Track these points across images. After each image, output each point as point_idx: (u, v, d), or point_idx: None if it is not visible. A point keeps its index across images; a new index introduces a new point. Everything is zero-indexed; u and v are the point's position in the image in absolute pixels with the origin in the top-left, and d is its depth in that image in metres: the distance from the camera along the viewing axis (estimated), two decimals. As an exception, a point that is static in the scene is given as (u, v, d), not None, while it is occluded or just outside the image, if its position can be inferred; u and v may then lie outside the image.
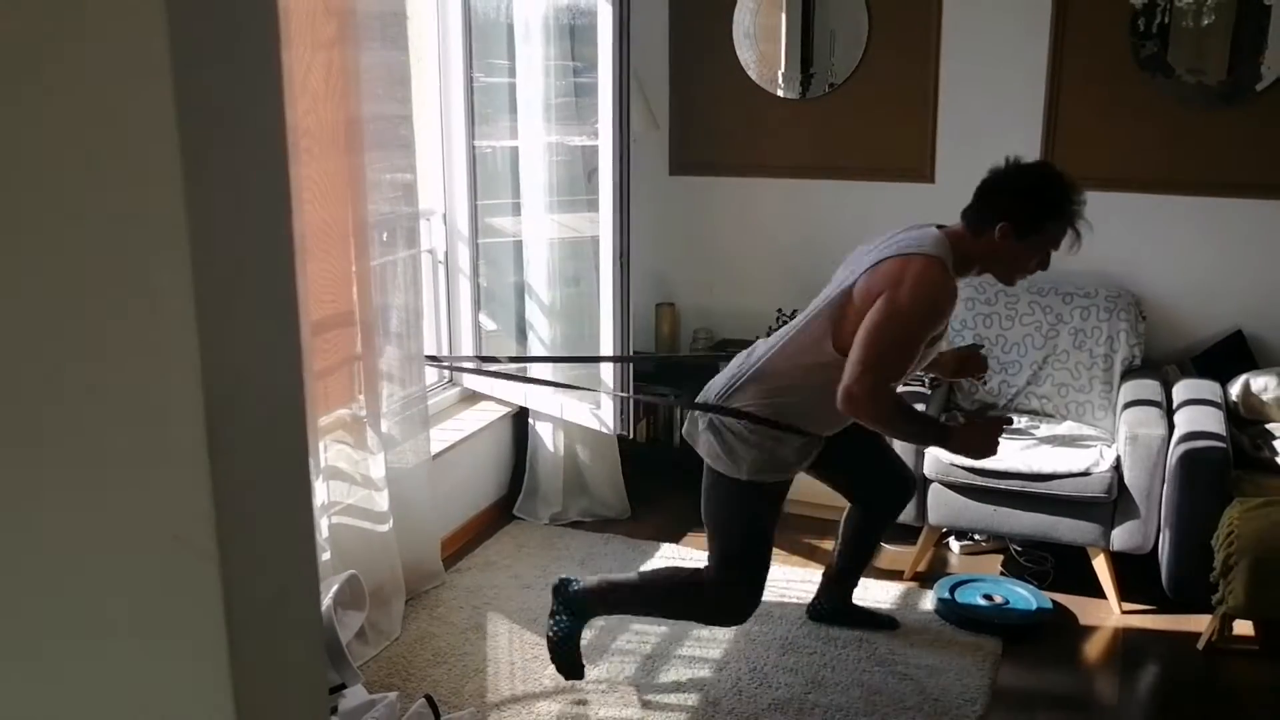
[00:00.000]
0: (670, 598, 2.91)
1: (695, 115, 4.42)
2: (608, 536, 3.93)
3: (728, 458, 2.73)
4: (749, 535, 2.80)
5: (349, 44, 2.94)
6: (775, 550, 3.81)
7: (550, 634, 2.91)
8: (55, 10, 0.84)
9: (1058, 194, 2.54)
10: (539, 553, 3.80)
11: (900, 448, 3.52)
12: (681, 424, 2.87)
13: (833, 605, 3.32)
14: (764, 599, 3.45)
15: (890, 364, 2.52)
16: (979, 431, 2.66)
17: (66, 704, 1.01)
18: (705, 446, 2.79)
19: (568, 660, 2.91)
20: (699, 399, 2.84)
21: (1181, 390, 3.54)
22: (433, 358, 3.67)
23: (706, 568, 2.87)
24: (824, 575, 3.36)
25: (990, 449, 2.66)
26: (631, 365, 3.77)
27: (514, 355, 4.11)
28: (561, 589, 2.91)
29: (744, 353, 2.85)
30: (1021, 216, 2.54)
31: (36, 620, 1.00)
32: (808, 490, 4.08)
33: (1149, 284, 3.88)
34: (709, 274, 4.55)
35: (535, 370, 3.99)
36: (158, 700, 0.98)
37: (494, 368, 3.91)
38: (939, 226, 2.65)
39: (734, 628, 3.15)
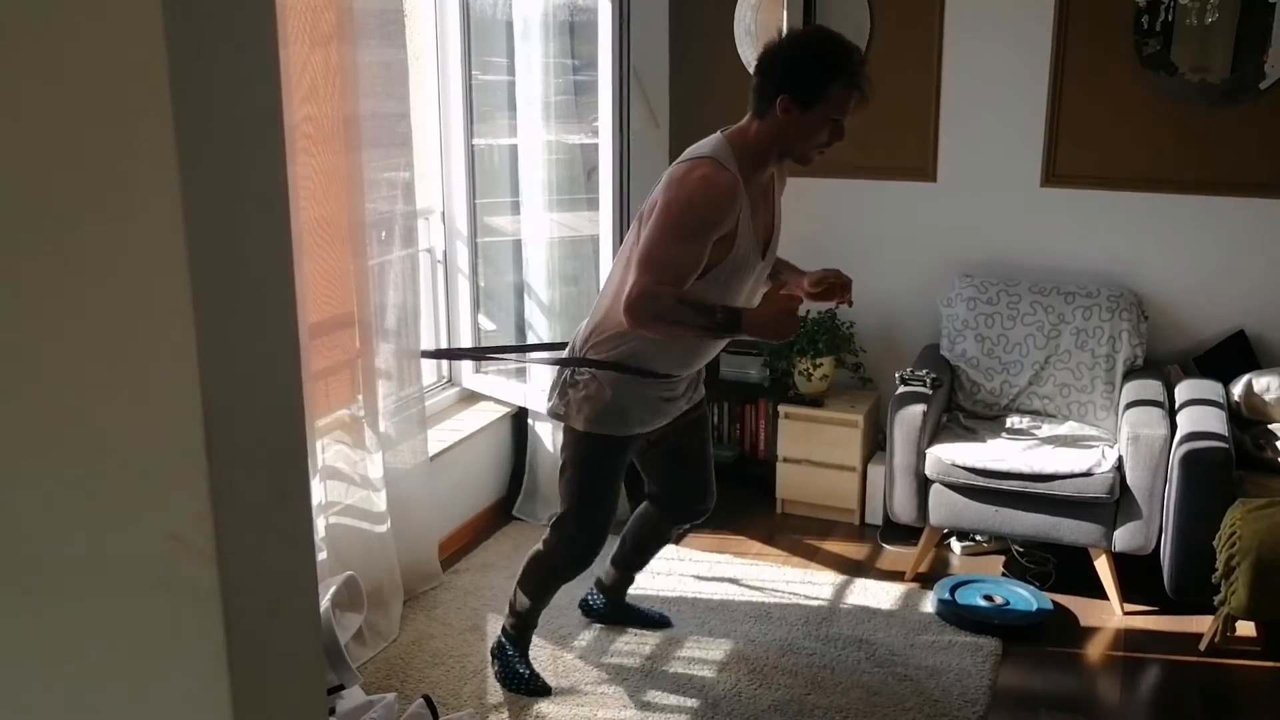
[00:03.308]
0: (531, 571, 2.92)
1: (696, 113, 4.40)
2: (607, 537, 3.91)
3: (568, 407, 2.68)
4: (584, 489, 2.78)
5: (347, 41, 2.93)
6: (777, 551, 3.84)
7: (498, 678, 2.99)
8: (54, 9, 0.83)
9: (830, 53, 2.40)
10: (538, 553, 3.79)
11: (902, 451, 3.51)
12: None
13: (606, 601, 3.31)
14: (765, 601, 3.45)
15: (664, 264, 2.38)
16: (774, 307, 2.43)
17: (66, 704, 1.00)
18: (550, 405, 2.75)
19: (531, 685, 2.96)
20: (568, 351, 2.77)
21: (1184, 390, 3.53)
22: (429, 352, 3.67)
23: (551, 523, 2.89)
24: (602, 573, 3.30)
25: (789, 326, 2.44)
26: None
27: (493, 346, 4.10)
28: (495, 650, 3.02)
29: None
30: (798, 84, 2.39)
31: (36, 620, 0.99)
32: (808, 490, 4.08)
33: (1151, 284, 3.87)
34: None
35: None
36: (157, 700, 0.97)
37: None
38: (728, 128, 2.55)
39: (581, 573, 2.97)
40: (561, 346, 2.86)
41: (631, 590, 3.31)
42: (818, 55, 2.41)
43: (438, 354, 3.96)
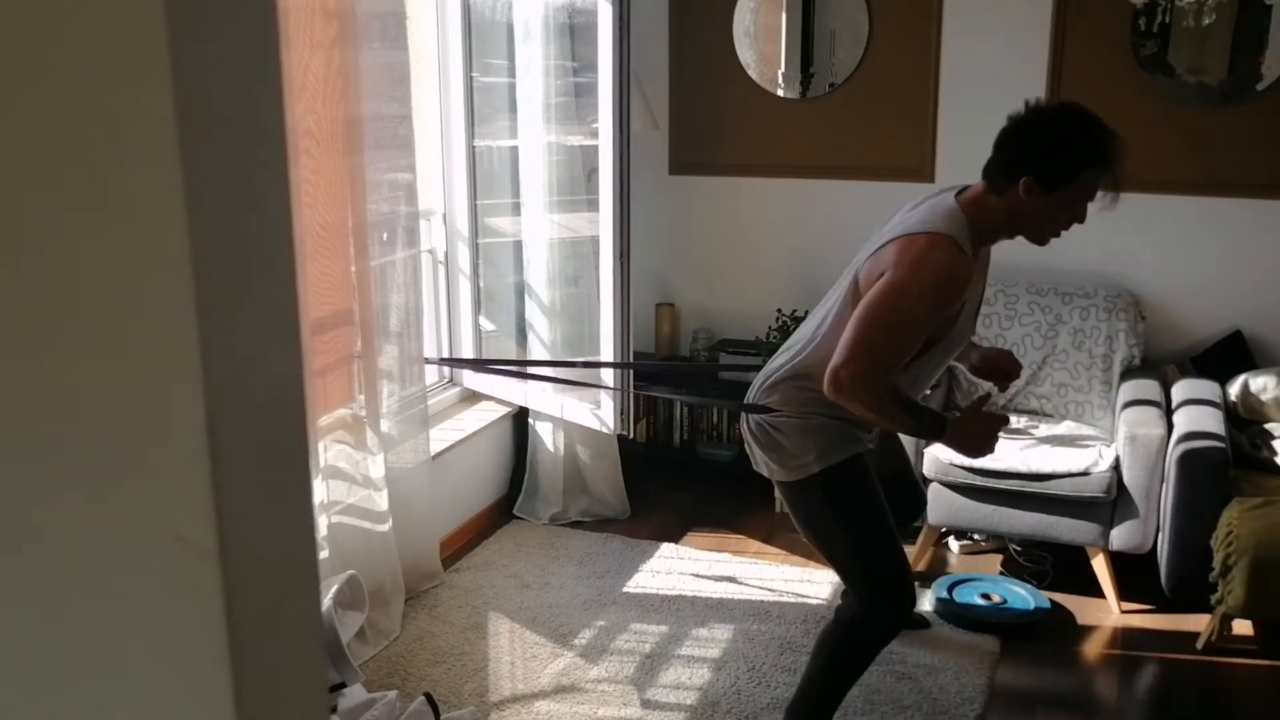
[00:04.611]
0: (838, 653, 2.58)
1: (695, 115, 4.42)
2: (607, 536, 3.93)
3: (793, 459, 2.45)
4: (861, 528, 2.47)
5: (348, 44, 2.94)
6: (776, 549, 3.85)
7: None
8: (56, 11, 0.84)
9: (1088, 137, 2.25)
10: (538, 552, 3.80)
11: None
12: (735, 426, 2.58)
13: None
14: (764, 599, 3.46)
15: (881, 348, 2.23)
16: (978, 425, 2.37)
17: (65, 704, 1.01)
18: (763, 462, 2.51)
19: None
20: (747, 399, 2.59)
21: (1180, 390, 3.54)
22: (436, 361, 3.68)
23: (844, 595, 2.66)
24: None
25: (989, 445, 2.39)
26: (631, 367, 3.76)
27: (519, 359, 4.11)
28: None
29: (786, 347, 2.59)
30: (1048, 167, 2.23)
31: (35, 620, 1.00)
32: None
33: (1148, 284, 3.88)
34: (709, 274, 4.55)
35: (538, 370, 3.99)
36: (157, 700, 0.98)
37: (496, 369, 3.91)
38: (960, 192, 2.36)
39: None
40: (582, 364, 2.68)
41: (631, 589, 3.33)
42: (1074, 141, 2.25)
43: (443, 362, 3.94)
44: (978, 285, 2.45)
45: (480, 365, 4.00)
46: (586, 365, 3.80)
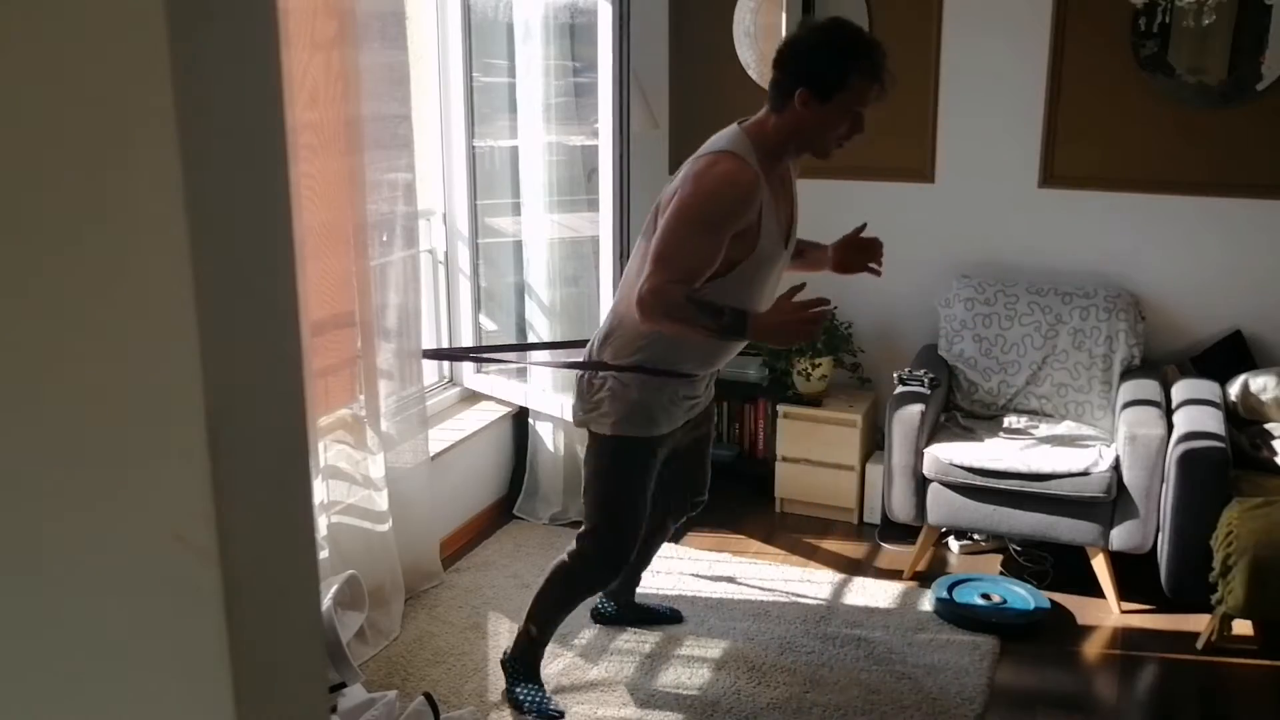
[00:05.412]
0: (565, 583, 2.85)
1: (695, 115, 4.42)
2: (607, 536, 3.93)
3: (595, 412, 2.63)
4: (618, 493, 2.70)
5: (348, 44, 2.94)
6: (776, 549, 3.85)
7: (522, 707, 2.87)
8: (55, 11, 0.84)
9: (850, 44, 2.36)
10: (538, 552, 3.80)
11: (901, 451, 3.52)
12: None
13: (616, 606, 3.31)
14: (764, 600, 3.46)
15: (677, 259, 2.34)
16: (781, 315, 2.39)
17: (65, 704, 1.01)
18: (573, 407, 2.71)
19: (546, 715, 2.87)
20: (585, 354, 2.73)
21: (1180, 390, 3.54)
22: (431, 352, 3.67)
23: (578, 538, 2.82)
24: None
25: (799, 333, 2.42)
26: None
27: (497, 345, 4.10)
28: (505, 660, 2.94)
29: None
30: (818, 76, 2.35)
31: (34, 620, 1.00)
32: (807, 490, 4.09)
33: (1148, 284, 3.88)
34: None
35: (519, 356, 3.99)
36: (157, 700, 0.98)
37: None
38: (744, 121, 2.49)
39: (608, 582, 2.98)
40: (569, 345, 2.82)
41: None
42: (838, 46, 2.37)
43: (439, 354, 3.96)
44: (780, 205, 2.53)
45: (477, 355, 3.99)
46: (563, 346, 3.73)
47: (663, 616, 3.33)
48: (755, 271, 2.49)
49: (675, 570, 3.67)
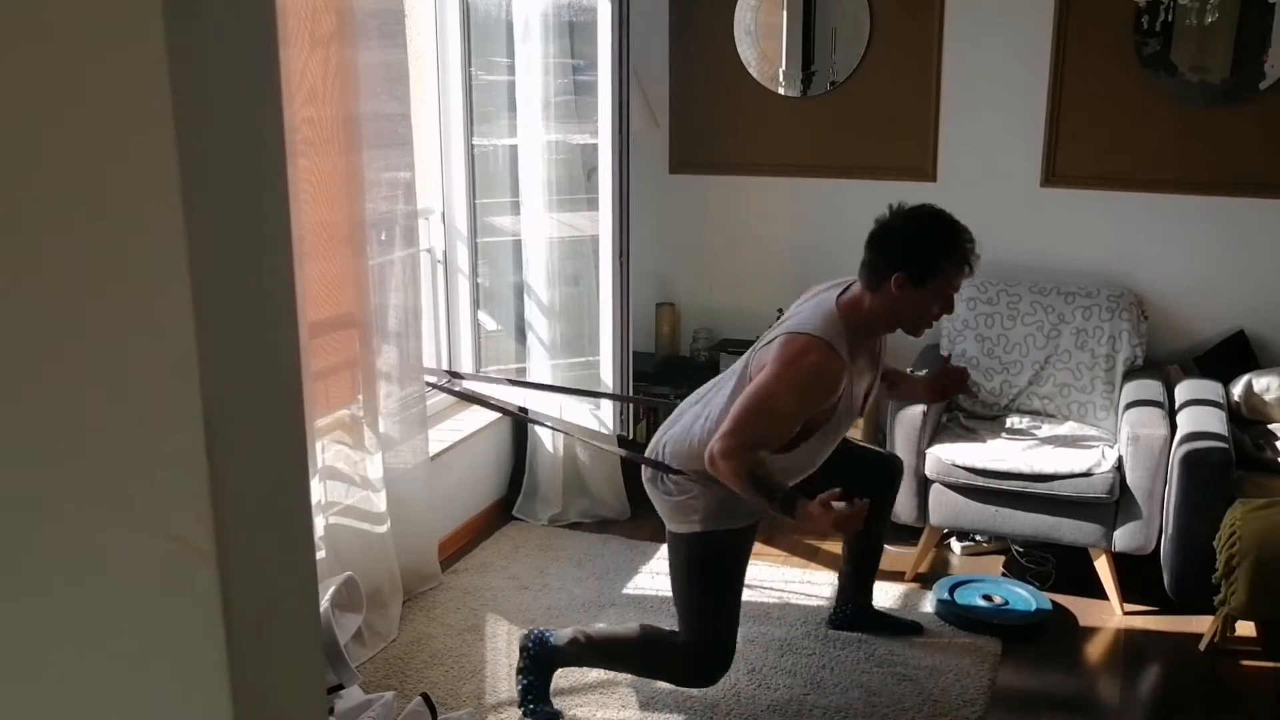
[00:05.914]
0: (645, 653, 2.79)
1: (695, 113, 4.41)
2: (606, 537, 3.92)
3: (680, 513, 2.66)
4: (707, 597, 2.68)
5: (347, 42, 2.93)
6: (776, 551, 3.84)
7: (520, 692, 2.83)
8: (54, 11, 0.83)
9: (946, 233, 2.51)
10: (537, 554, 3.79)
11: (903, 451, 3.51)
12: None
13: (851, 611, 3.27)
14: (764, 601, 3.45)
15: (751, 433, 2.45)
16: (827, 520, 2.41)
17: (63, 704, 0.99)
18: (657, 506, 2.74)
19: (545, 714, 2.83)
20: (650, 450, 2.76)
21: (1183, 390, 3.53)
22: (434, 385, 3.61)
23: (678, 631, 2.75)
24: (838, 580, 3.33)
25: (838, 529, 2.48)
26: (631, 366, 3.74)
27: (512, 379, 4.02)
28: (530, 645, 2.82)
29: (685, 403, 2.78)
30: (915, 263, 2.49)
31: (34, 620, 0.99)
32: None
33: (1151, 284, 3.87)
34: (709, 273, 4.53)
35: (535, 381, 3.97)
36: (156, 700, 0.96)
37: (492, 390, 3.84)
38: (843, 292, 2.59)
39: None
40: (591, 394, 2.81)
41: (631, 591, 3.31)
42: (932, 237, 2.51)
43: (441, 388, 3.83)
44: (864, 377, 2.67)
45: (474, 398, 3.91)
46: (588, 395, 3.72)
47: (905, 627, 3.27)
48: (827, 437, 2.64)
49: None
